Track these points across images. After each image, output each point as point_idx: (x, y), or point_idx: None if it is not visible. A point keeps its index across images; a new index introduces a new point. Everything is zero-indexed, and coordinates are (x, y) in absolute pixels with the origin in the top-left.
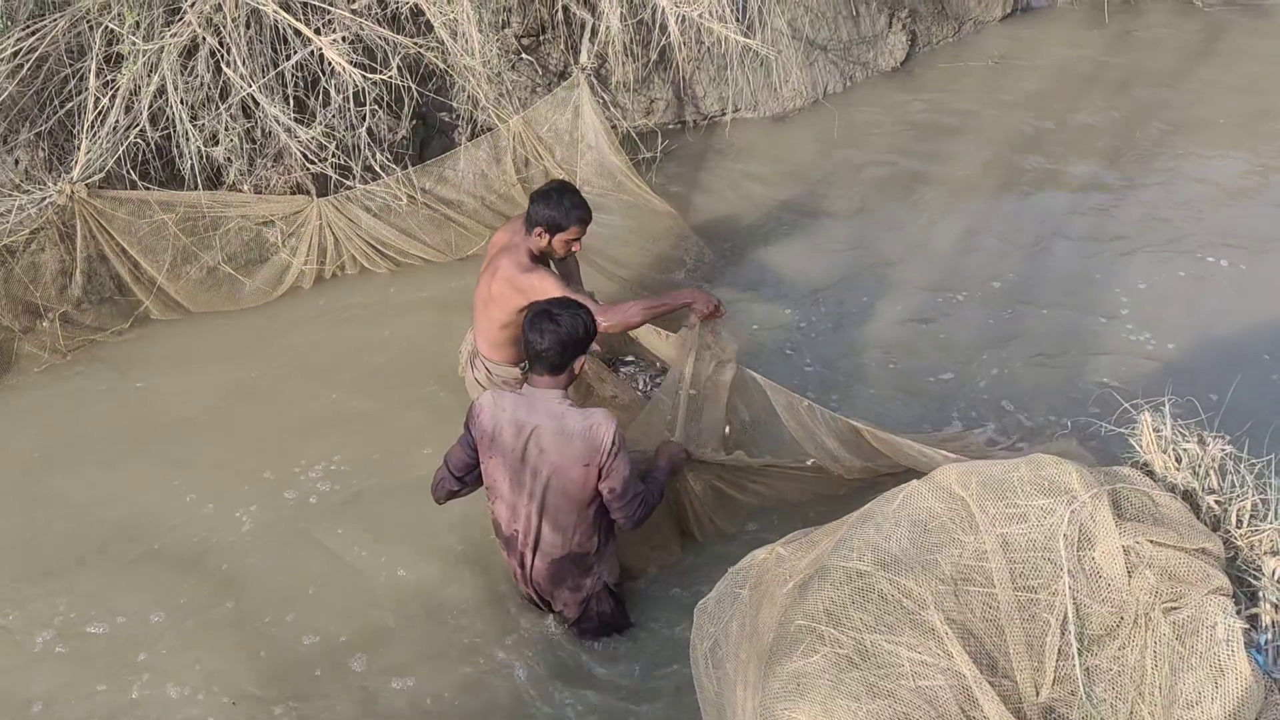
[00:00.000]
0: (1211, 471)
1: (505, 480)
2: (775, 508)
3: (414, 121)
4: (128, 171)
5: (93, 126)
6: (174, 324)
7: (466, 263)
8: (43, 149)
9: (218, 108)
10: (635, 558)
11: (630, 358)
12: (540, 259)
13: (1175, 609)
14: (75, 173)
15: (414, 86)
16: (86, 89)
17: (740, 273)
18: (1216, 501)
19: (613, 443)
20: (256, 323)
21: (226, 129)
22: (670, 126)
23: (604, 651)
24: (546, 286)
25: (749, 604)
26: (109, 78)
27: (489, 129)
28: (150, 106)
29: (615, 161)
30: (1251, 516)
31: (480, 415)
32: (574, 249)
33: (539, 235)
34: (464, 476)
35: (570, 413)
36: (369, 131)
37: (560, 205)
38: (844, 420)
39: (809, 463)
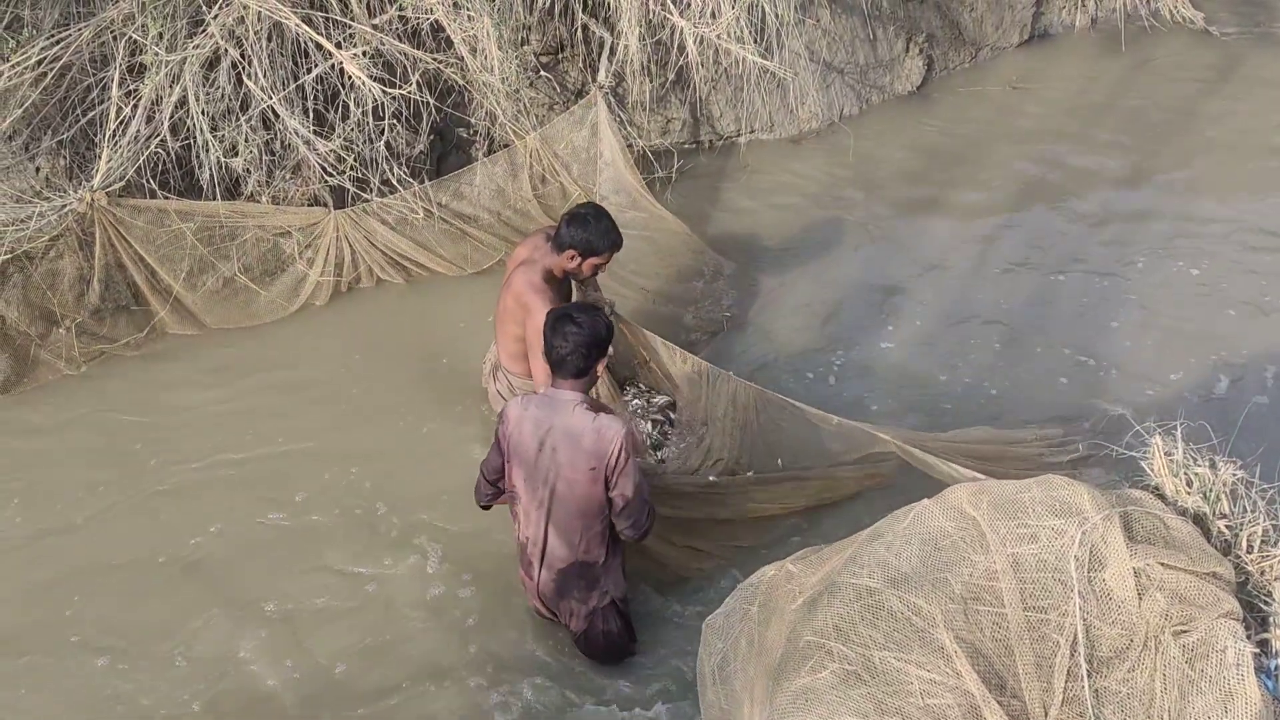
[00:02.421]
0: (1223, 496)
1: (521, 483)
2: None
3: (432, 136)
4: (147, 181)
5: (114, 135)
6: (189, 336)
7: (482, 277)
8: (64, 157)
9: (238, 119)
10: (680, 557)
11: (641, 387)
12: (561, 278)
13: (1185, 632)
14: (96, 181)
15: (433, 102)
16: (109, 98)
17: (754, 293)
18: (1227, 526)
19: (620, 449)
20: (273, 335)
21: (246, 140)
22: (686, 146)
23: (607, 669)
24: (539, 313)
25: (758, 620)
26: (131, 87)
27: (506, 145)
28: (171, 116)
29: (630, 180)
30: (1262, 542)
31: (507, 418)
32: (600, 272)
33: (570, 257)
34: (496, 481)
35: (583, 416)
36: (387, 145)
37: (596, 229)
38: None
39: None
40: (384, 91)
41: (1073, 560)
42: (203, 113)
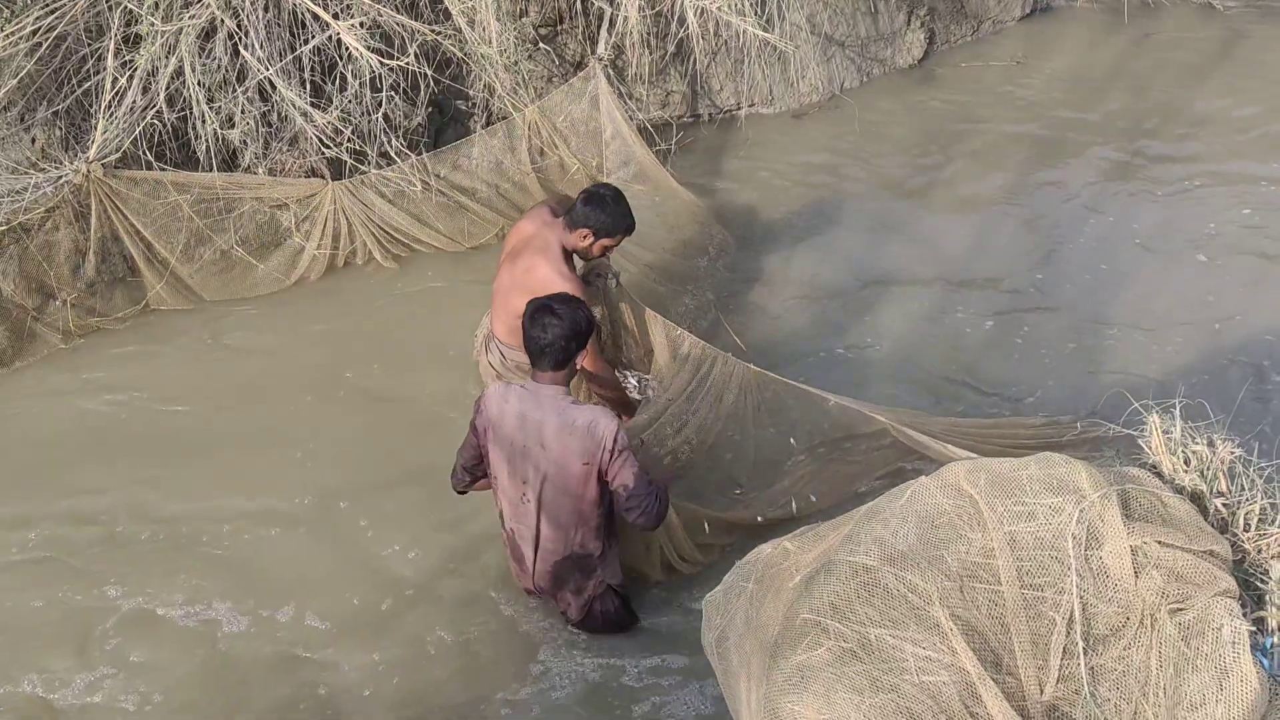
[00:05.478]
0: (1220, 474)
1: (504, 472)
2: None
3: (429, 109)
4: (144, 152)
5: (110, 106)
6: (183, 311)
7: (478, 251)
8: (60, 128)
9: (235, 90)
10: (644, 564)
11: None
12: (569, 255)
13: (1181, 610)
14: (91, 152)
15: (430, 73)
16: (104, 69)
17: (754, 267)
18: (1224, 504)
19: (614, 440)
20: (267, 310)
21: (243, 112)
22: (686, 120)
23: (602, 646)
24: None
25: (754, 597)
26: (127, 58)
27: (504, 118)
28: (168, 87)
29: (638, 149)
30: (1260, 520)
31: (487, 405)
32: (607, 254)
33: (583, 236)
34: (474, 468)
35: (571, 409)
36: (385, 117)
37: (614, 212)
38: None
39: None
40: (381, 63)
41: (1070, 538)
42: (199, 84)
